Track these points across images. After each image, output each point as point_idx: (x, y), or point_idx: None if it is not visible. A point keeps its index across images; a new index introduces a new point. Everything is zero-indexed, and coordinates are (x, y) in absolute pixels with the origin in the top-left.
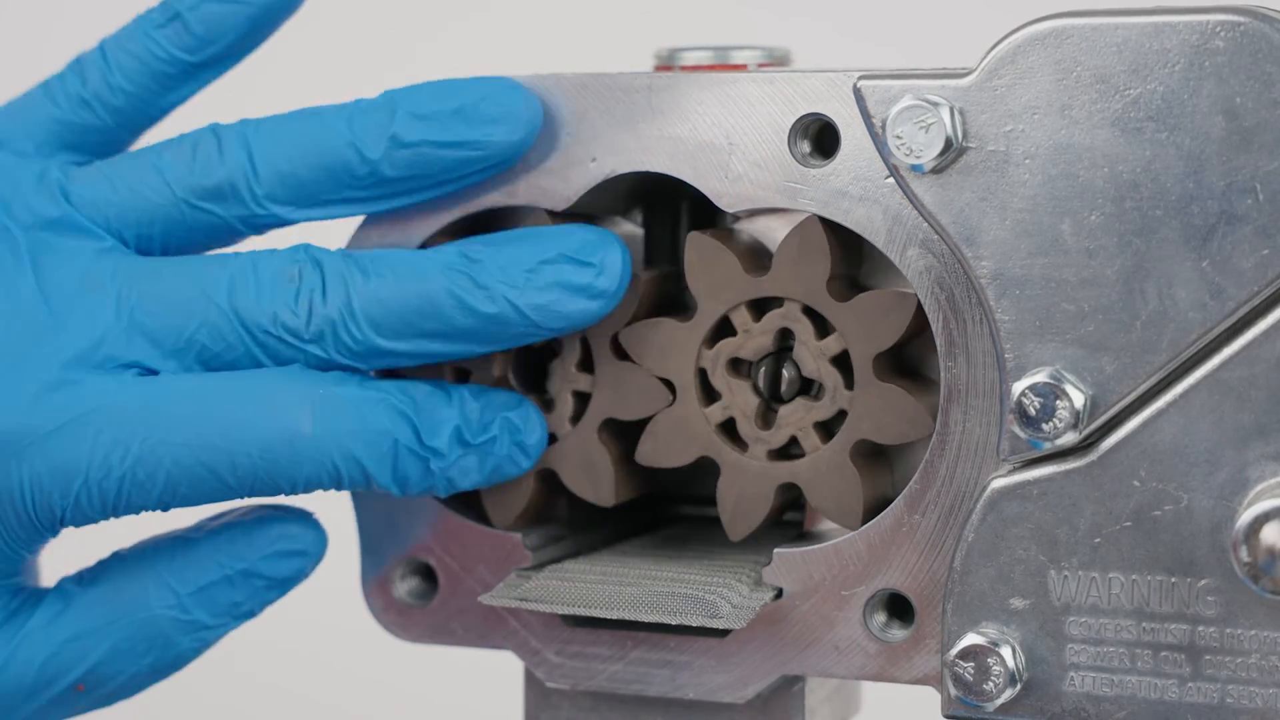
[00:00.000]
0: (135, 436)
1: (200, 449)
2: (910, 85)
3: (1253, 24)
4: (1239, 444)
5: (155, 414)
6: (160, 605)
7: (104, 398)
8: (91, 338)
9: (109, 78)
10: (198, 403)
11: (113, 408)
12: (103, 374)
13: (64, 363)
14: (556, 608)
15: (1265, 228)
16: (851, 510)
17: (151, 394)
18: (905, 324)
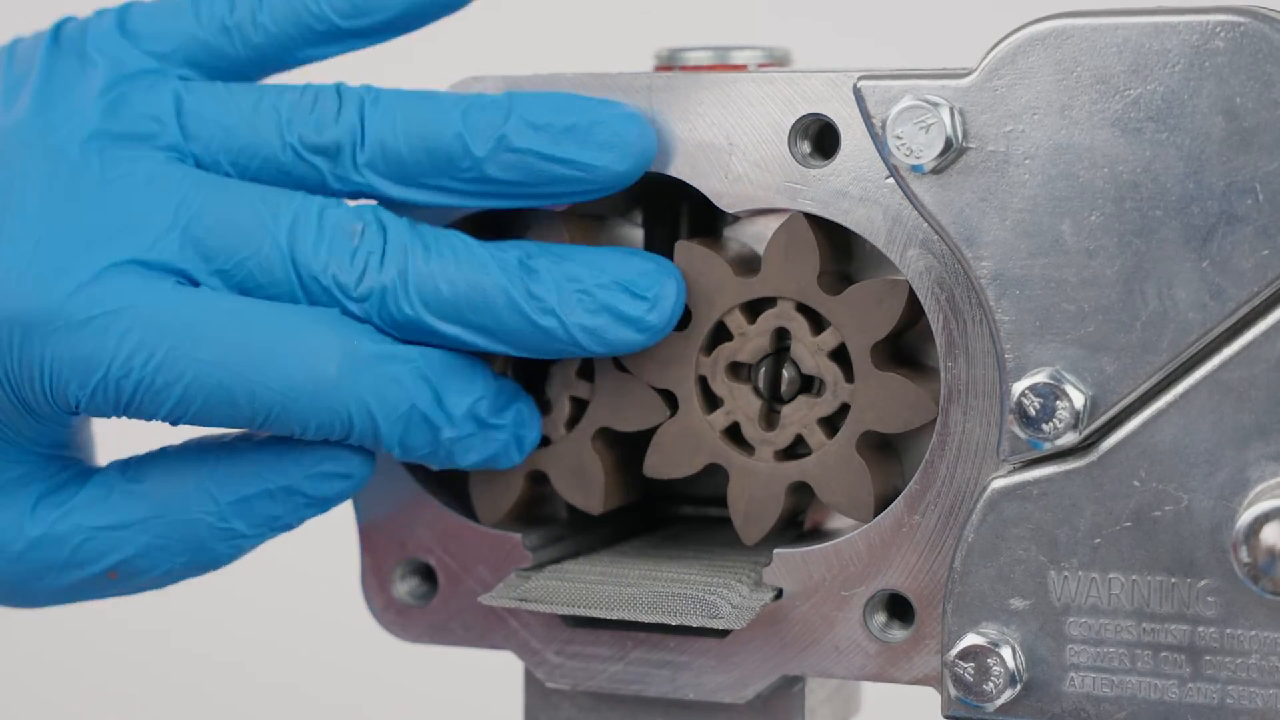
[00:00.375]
0: (162, 343)
1: (223, 370)
2: (910, 85)
3: (1253, 24)
4: (1239, 444)
5: (187, 326)
6: (199, 510)
7: (139, 298)
8: (143, 238)
9: (257, 13)
10: (231, 325)
11: (146, 310)
12: (145, 275)
13: (110, 257)
14: (557, 608)
15: (1265, 228)
16: (863, 503)
17: (188, 305)
18: (899, 311)
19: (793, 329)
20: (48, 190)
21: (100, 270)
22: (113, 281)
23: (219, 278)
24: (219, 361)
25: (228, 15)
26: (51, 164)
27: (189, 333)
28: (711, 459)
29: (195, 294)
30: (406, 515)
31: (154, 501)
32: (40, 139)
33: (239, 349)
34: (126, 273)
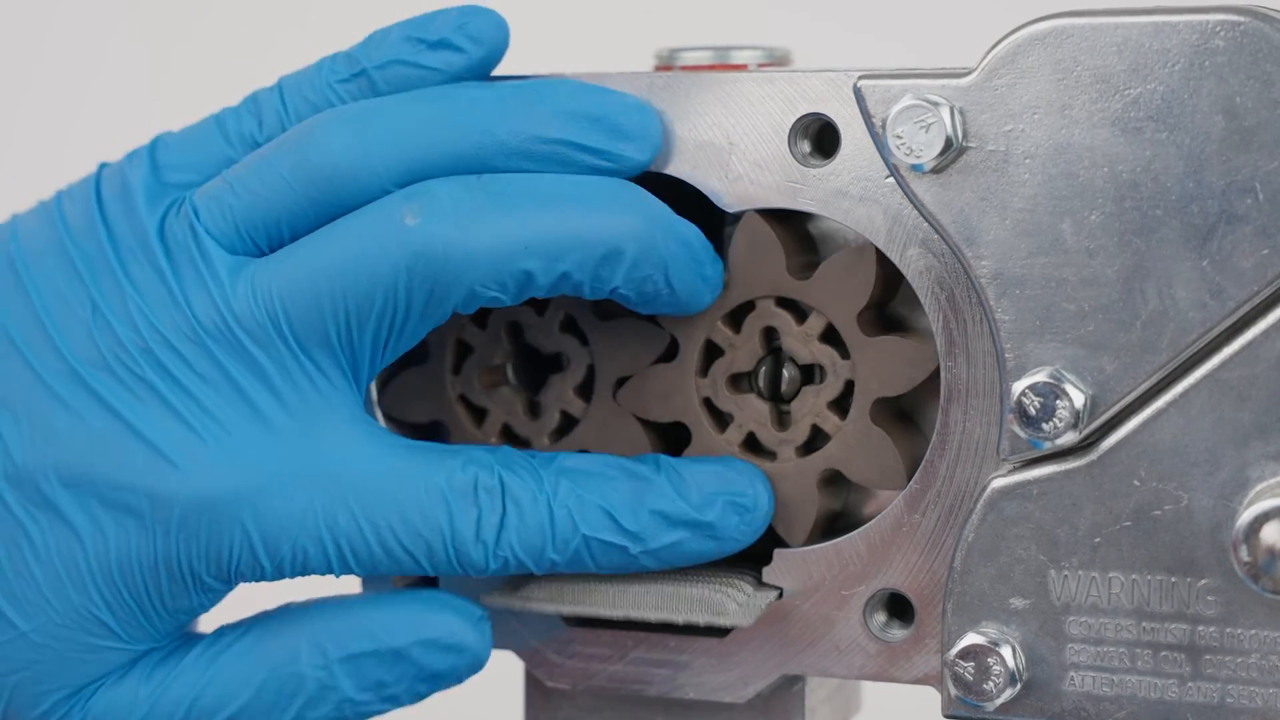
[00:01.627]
0: (343, 507)
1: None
2: (910, 85)
3: (1253, 24)
4: (1239, 443)
5: (363, 489)
6: (308, 664)
7: (326, 461)
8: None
9: (285, 123)
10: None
11: (335, 471)
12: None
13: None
14: (559, 608)
15: (1265, 227)
16: (894, 471)
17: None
18: (872, 276)
19: (778, 324)
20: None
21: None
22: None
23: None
24: (398, 527)
25: (257, 131)
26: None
27: (368, 496)
28: None
29: (378, 445)
30: None
31: (264, 654)
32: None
33: (414, 510)
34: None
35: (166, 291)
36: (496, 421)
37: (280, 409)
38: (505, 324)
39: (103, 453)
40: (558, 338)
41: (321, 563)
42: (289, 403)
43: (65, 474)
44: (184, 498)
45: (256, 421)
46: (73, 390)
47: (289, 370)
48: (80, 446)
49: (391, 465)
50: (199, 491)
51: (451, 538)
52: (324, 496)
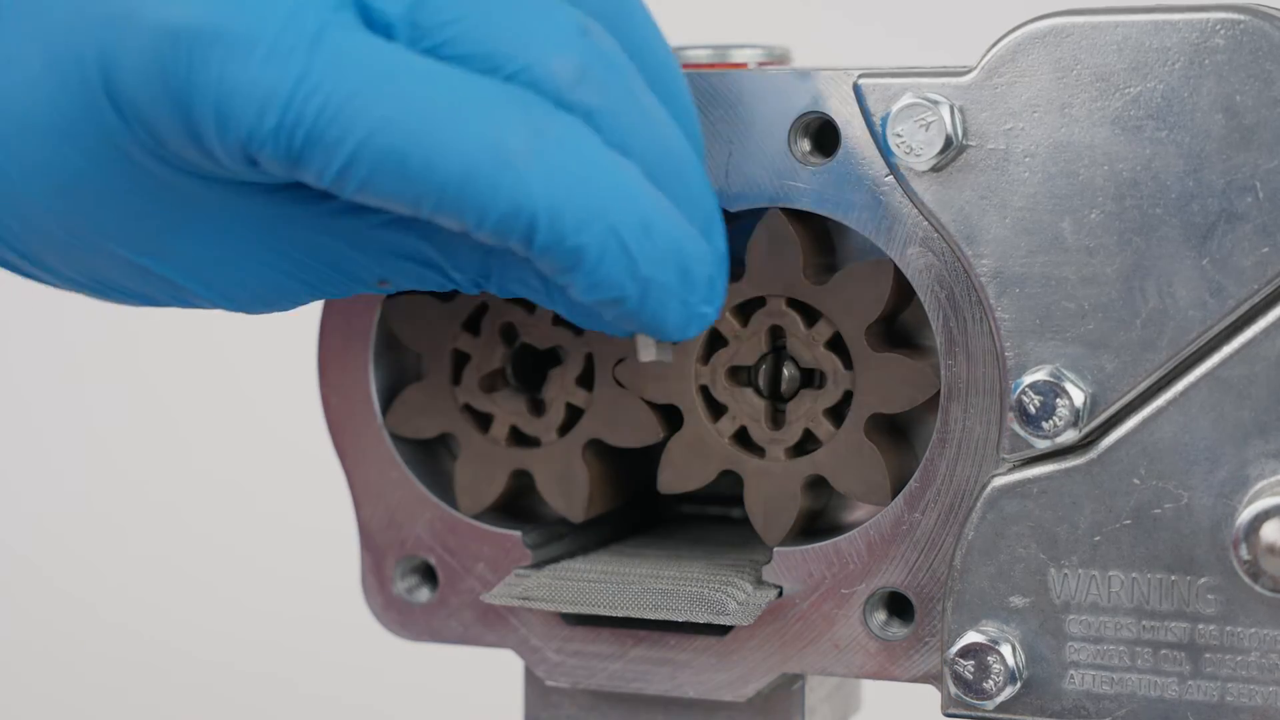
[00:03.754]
0: (339, 89)
1: (399, 132)
2: (910, 83)
3: (1252, 22)
4: (1239, 442)
5: (370, 77)
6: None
7: (329, 34)
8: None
9: None
10: (416, 84)
11: (330, 51)
12: (339, 9)
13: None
14: (559, 606)
15: (1265, 226)
16: (879, 486)
17: (376, 55)
18: (886, 292)
19: (786, 325)
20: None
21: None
22: (319, 14)
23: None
24: (396, 121)
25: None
26: None
27: (370, 84)
28: (724, 466)
29: (387, 45)
30: (406, 514)
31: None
32: None
33: (419, 110)
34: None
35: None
36: (503, 424)
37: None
38: (499, 327)
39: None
40: (552, 332)
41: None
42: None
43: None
44: (168, 20)
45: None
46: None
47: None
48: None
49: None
50: (184, 16)
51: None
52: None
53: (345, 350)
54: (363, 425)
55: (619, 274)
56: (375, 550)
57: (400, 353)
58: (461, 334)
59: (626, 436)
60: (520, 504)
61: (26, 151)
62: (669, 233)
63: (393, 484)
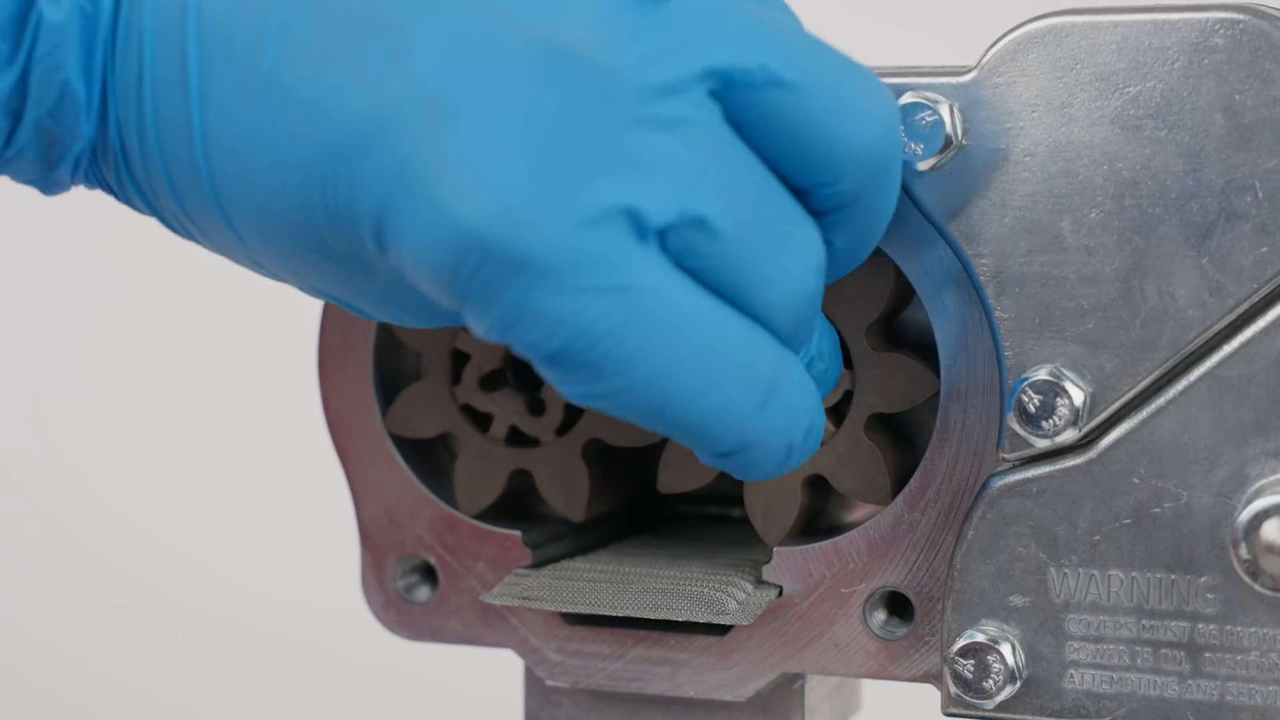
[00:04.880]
0: (631, 336)
1: (668, 381)
2: (910, 83)
3: (1252, 21)
4: (1238, 441)
5: (661, 328)
6: None
7: (636, 277)
8: (655, 187)
9: None
10: (697, 334)
11: (637, 297)
12: (640, 241)
13: (613, 196)
14: (560, 606)
15: (1264, 225)
16: (880, 487)
17: (669, 302)
18: (887, 291)
19: None
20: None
21: (600, 211)
22: (612, 241)
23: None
24: (671, 373)
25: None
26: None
27: (655, 336)
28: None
29: (677, 288)
30: (406, 513)
31: None
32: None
33: (692, 364)
34: (624, 230)
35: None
36: (503, 424)
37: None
38: None
39: (406, 121)
40: None
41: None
42: None
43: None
44: (476, 226)
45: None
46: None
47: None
48: (386, 103)
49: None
50: (495, 229)
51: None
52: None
53: (345, 350)
54: (363, 425)
55: (770, 468)
56: (375, 549)
57: (400, 353)
58: (461, 333)
59: (626, 436)
60: (520, 504)
61: (247, 212)
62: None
63: (392, 484)
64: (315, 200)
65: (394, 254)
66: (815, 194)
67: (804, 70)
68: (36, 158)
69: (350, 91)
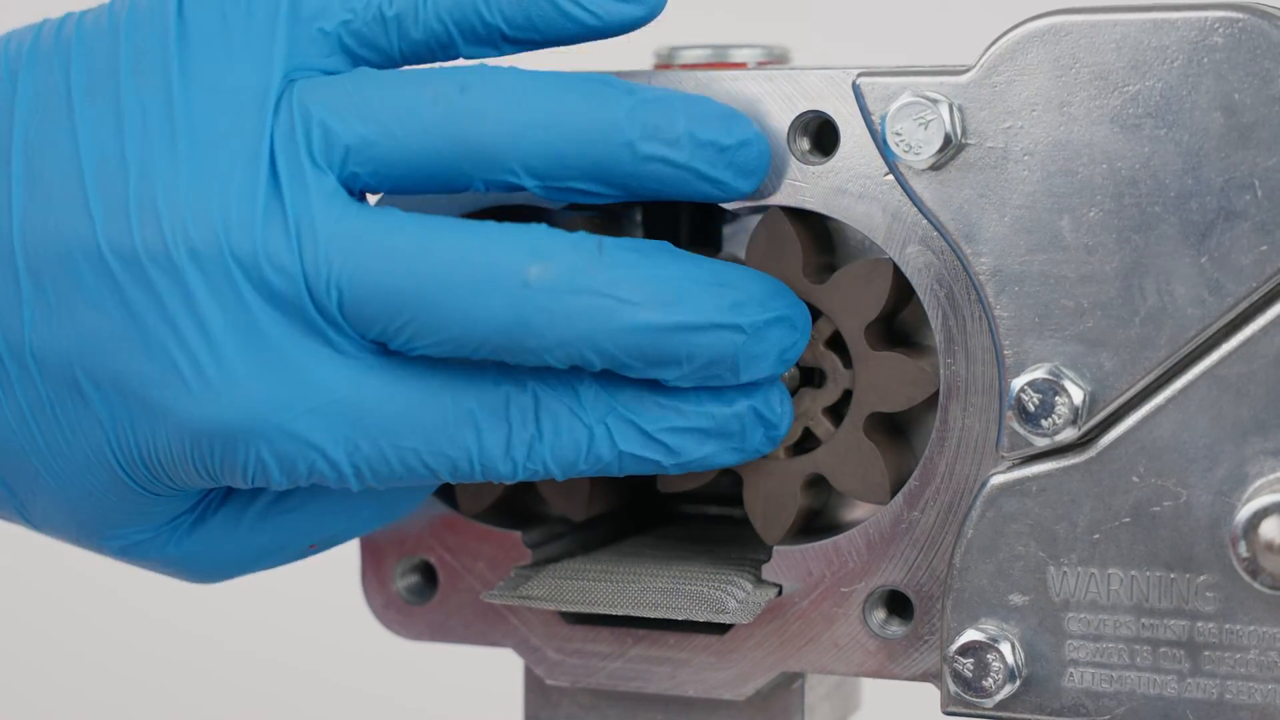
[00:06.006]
0: (365, 439)
1: (412, 454)
2: (909, 82)
3: (1251, 20)
4: (1238, 440)
5: (390, 418)
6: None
7: (342, 390)
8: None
9: (420, 10)
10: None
11: (352, 405)
12: (338, 352)
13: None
14: (559, 605)
15: (1264, 224)
16: (878, 485)
17: (384, 387)
18: (886, 290)
19: None
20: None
21: (285, 358)
22: (314, 370)
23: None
24: (422, 449)
25: (386, 7)
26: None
27: (390, 422)
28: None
29: (393, 373)
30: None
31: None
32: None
33: (440, 434)
34: (321, 358)
35: (238, 200)
36: None
37: (294, 351)
38: None
39: (121, 355)
40: None
41: (337, 480)
42: (300, 350)
43: (88, 365)
44: (197, 419)
45: (272, 356)
46: (98, 276)
47: (314, 335)
48: (101, 341)
49: (415, 390)
50: (211, 416)
51: (479, 455)
52: (345, 425)
53: None
54: None
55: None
56: (375, 549)
57: None
58: None
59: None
60: (520, 503)
61: (33, 479)
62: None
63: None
64: (63, 438)
65: (140, 460)
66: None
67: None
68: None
69: (49, 339)
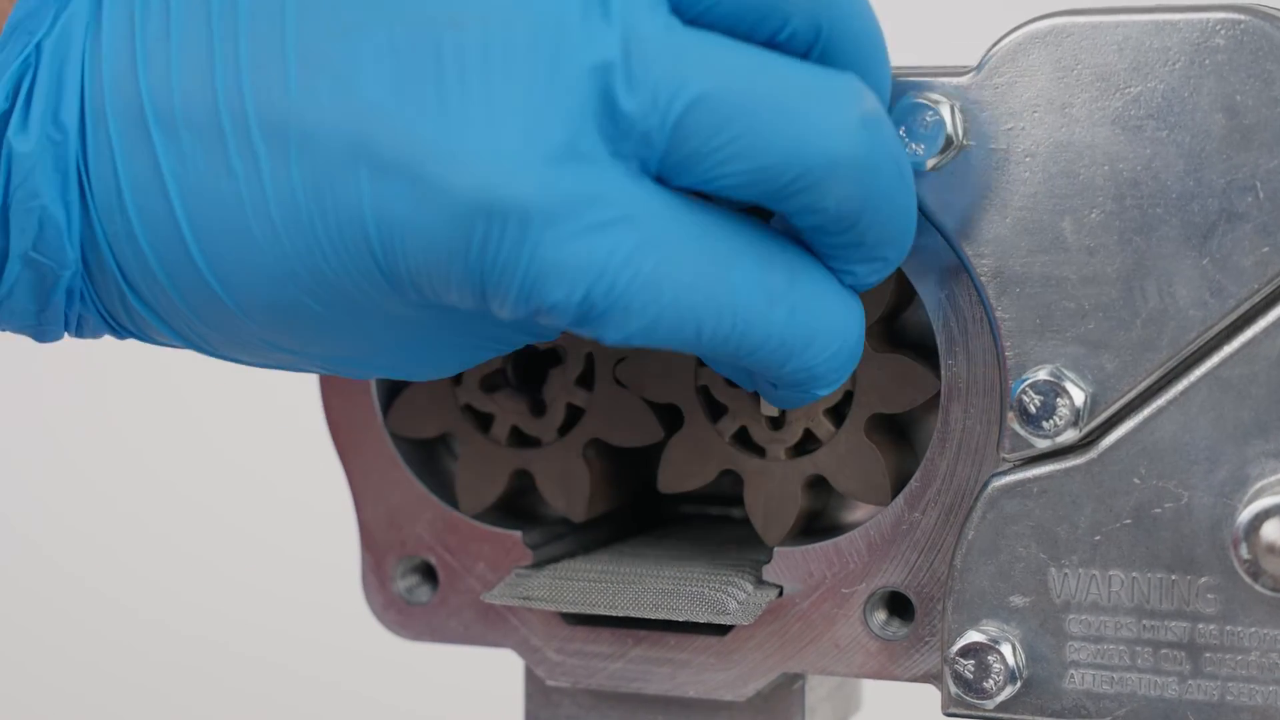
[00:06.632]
0: (648, 260)
1: (698, 294)
2: (911, 83)
3: (1253, 22)
4: (1239, 441)
5: (675, 243)
6: None
7: (635, 205)
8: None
9: None
10: (711, 240)
11: (642, 221)
12: (628, 170)
13: (583, 136)
14: (560, 606)
15: (1265, 225)
16: (879, 487)
17: (674, 218)
18: (887, 292)
19: None
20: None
21: (575, 148)
22: (602, 176)
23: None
24: (695, 287)
25: None
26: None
27: (673, 250)
28: (724, 466)
29: (677, 203)
30: (406, 513)
31: None
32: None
33: (712, 282)
34: (608, 165)
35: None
36: (504, 425)
37: (592, 151)
38: None
39: (403, 119)
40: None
41: (598, 319)
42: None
43: (364, 137)
44: (471, 190)
45: (566, 149)
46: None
47: (618, 137)
48: (384, 107)
49: (698, 225)
50: (490, 187)
51: (743, 308)
52: (631, 242)
53: None
54: (363, 425)
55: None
56: (376, 550)
57: None
58: None
59: (627, 436)
60: (521, 504)
61: (249, 285)
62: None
63: (393, 484)
64: (319, 238)
65: (404, 262)
66: (797, 217)
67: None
68: (28, 295)
69: (318, 116)
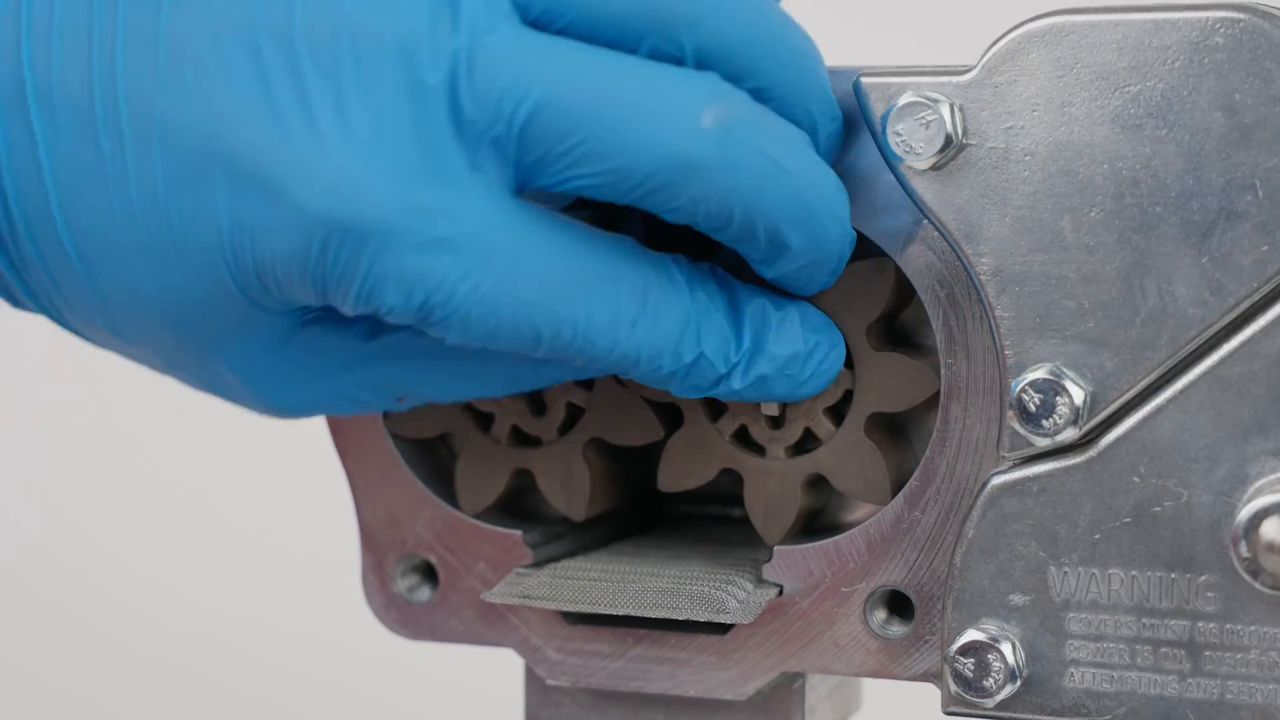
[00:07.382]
0: (488, 277)
1: (538, 311)
2: (910, 82)
3: (1252, 20)
4: (1238, 440)
5: (514, 261)
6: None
7: (477, 221)
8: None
9: None
10: (555, 261)
11: (480, 236)
12: (479, 178)
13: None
14: (560, 605)
15: (1265, 224)
16: (879, 485)
17: (519, 233)
18: (888, 291)
19: None
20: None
21: (428, 165)
22: (448, 189)
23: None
24: (537, 303)
25: None
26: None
27: (516, 268)
28: (724, 465)
29: (531, 220)
30: (407, 513)
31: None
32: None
33: (557, 294)
34: (462, 177)
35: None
36: (504, 424)
37: (438, 159)
38: None
39: (249, 129)
40: None
41: (441, 321)
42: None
43: (218, 141)
44: (318, 206)
45: (412, 157)
46: (239, 57)
47: (464, 147)
48: (232, 116)
49: (547, 239)
50: (334, 205)
51: (586, 325)
52: (474, 257)
53: None
54: (363, 425)
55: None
56: (376, 549)
57: None
58: None
59: (627, 435)
60: (521, 503)
61: (105, 263)
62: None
63: (393, 483)
64: (173, 228)
65: (251, 260)
66: (665, 216)
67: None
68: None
69: (181, 110)
